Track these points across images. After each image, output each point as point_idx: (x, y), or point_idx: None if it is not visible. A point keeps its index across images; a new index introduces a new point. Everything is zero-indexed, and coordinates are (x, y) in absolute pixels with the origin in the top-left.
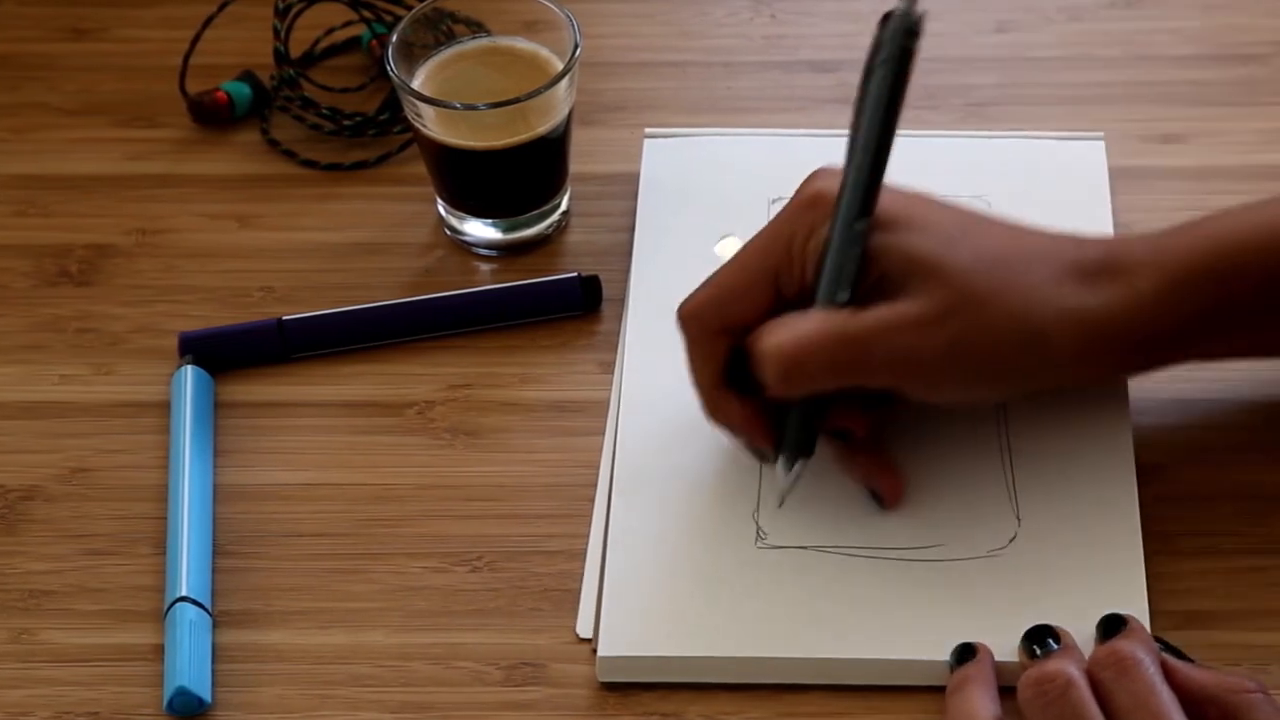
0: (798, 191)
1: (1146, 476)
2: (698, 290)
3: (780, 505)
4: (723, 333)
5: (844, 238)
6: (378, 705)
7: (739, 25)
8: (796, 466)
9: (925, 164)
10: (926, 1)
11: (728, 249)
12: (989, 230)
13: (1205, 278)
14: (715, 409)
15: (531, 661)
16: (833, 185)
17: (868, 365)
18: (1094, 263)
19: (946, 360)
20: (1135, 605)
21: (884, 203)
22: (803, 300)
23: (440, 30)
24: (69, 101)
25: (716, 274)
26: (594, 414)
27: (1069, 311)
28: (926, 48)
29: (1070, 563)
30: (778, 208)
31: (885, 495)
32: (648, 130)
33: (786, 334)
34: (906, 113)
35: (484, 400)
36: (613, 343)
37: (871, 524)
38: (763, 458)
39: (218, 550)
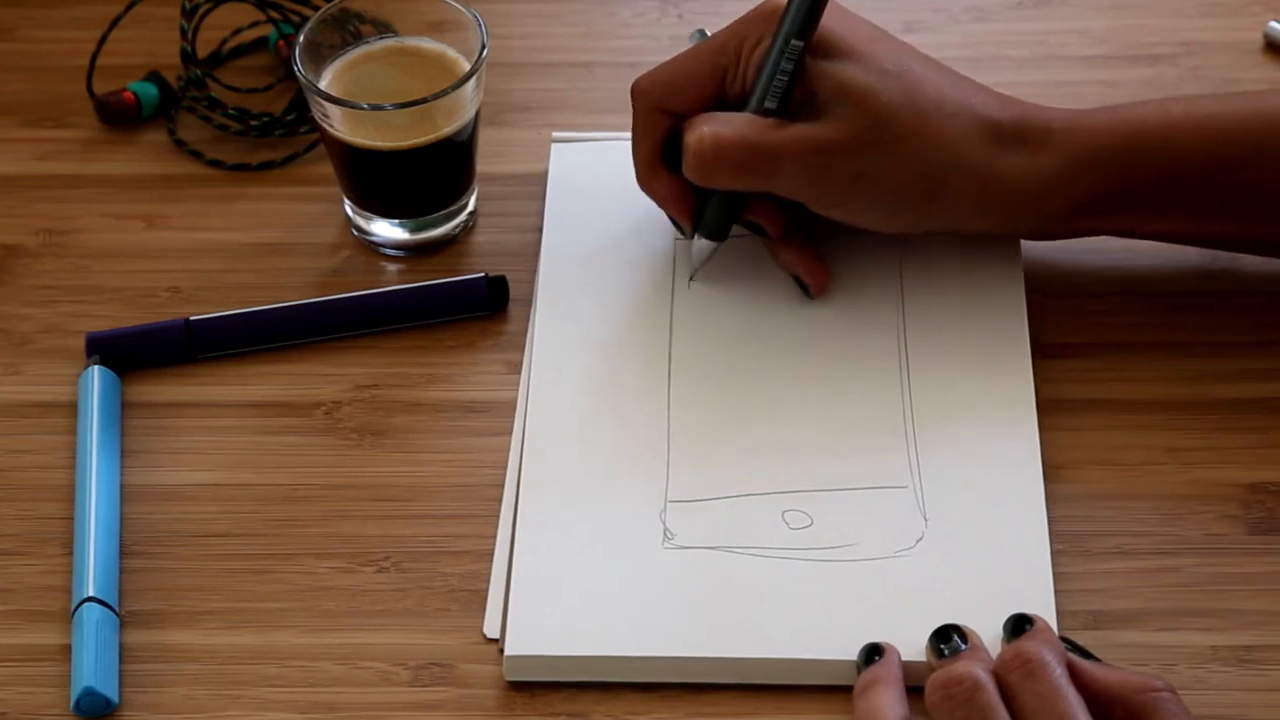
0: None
1: (1054, 476)
2: (654, 69)
3: (690, 283)
4: (664, 112)
5: (780, 52)
6: (286, 705)
7: (646, 25)
8: (706, 248)
9: None
10: (834, 3)
11: (695, 41)
12: (922, 74)
13: (1106, 162)
14: (646, 180)
15: (439, 662)
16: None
17: (775, 176)
18: (1011, 125)
19: (849, 187)
20: (1042, 605)
21: (831, 27)
22: (741, 102)
23: (347, 31)
24: None
25: (674, 59)
26: (501, 414)
27: (973, 168)
28: None
29: (977, 562)
30: None
31: (810, 284)
32: (555, 134)
33: (709, 129)
34: None
35: (391, 400)
36: (520, 343)
37: (778, 524)
38: (680, 231)
39: (125, 550)
